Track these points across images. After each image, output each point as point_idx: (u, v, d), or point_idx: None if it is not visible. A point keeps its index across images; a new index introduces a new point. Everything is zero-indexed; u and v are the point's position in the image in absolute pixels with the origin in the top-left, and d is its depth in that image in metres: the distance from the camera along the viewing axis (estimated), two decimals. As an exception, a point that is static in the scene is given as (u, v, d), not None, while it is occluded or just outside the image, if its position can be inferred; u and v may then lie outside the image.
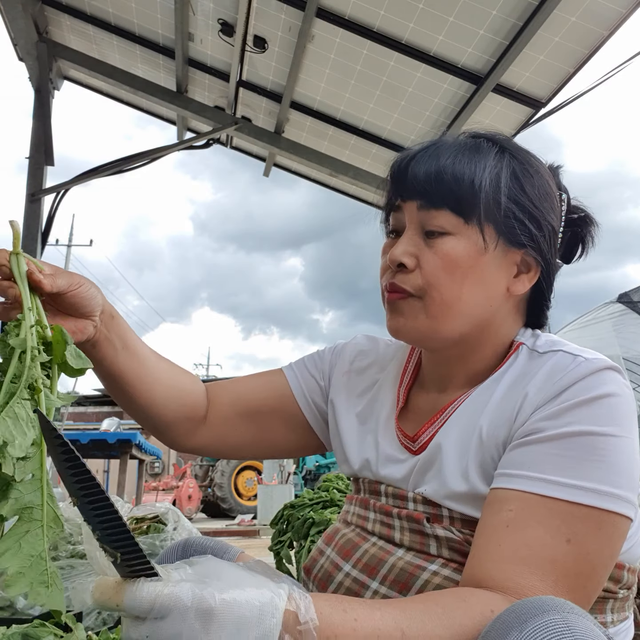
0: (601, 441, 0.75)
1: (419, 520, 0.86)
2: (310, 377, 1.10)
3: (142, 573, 0.55)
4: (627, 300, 4.94)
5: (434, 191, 0.86)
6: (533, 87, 3.87)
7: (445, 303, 0.86)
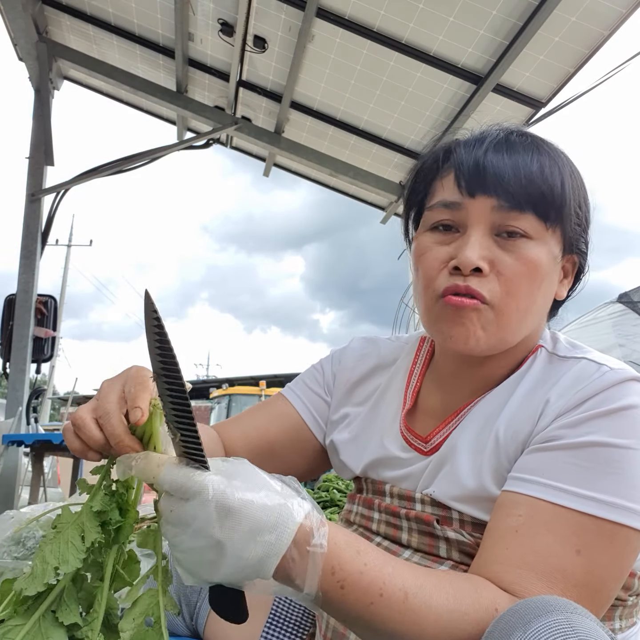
0: (620, 454, 0.73)
1: (428, 521, 0.84)
2: (315, 397, 1.05)
3: (193, 456, 0.60)
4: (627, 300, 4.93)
5: (523, 193, 0.79)
6: (533, 87, 3.87)
7: (519, 312, 0.81)
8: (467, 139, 0.87)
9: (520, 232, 0.80)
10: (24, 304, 4.68)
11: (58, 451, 4.26)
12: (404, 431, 0.93)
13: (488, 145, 0.83)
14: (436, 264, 0.83)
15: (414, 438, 0.92)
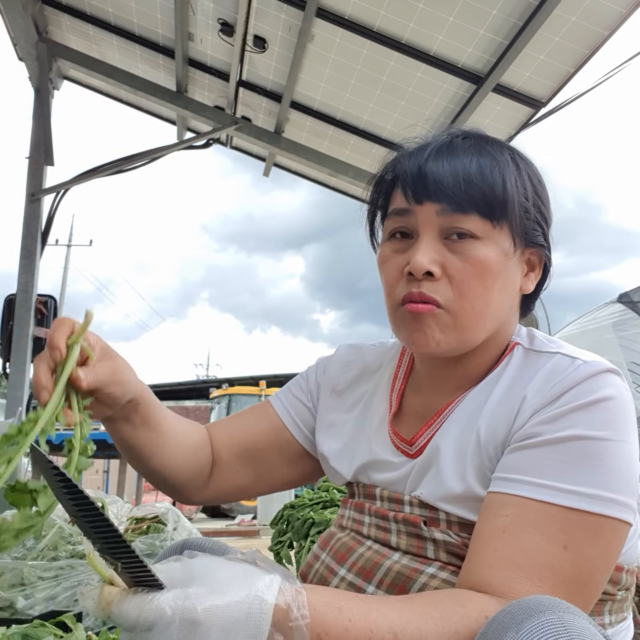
0: (599, 446, 0.74)
1: (415, 523, 0.85)
2: (296, 401, 1.07)
3: (141, 579, 0.57)
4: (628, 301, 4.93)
5: (464, 195, 0.81)
6: (533, 87, 3.87)
7: (475, 313, 0.82)
8: (413, 148, 0.89)
9: (467, 232, 0.81)
10: (24, 304, 4.68)
11: (58, 451, 4.26)
12: (391, 435, 0.94)
13: (430, 152, 0.85)
14: (394, 273, 0.86)
15: (400, 441, 0.93)
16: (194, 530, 2.62)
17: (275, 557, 2.88)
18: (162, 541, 2.42)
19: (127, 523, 2.48)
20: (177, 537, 2.44)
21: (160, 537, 2.43)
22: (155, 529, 2.51)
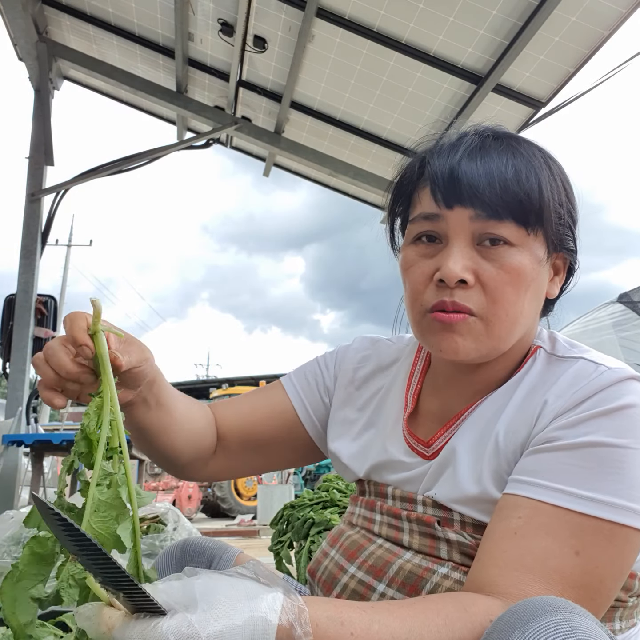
0: (619, 453, 0.73)
1: (429, 523, 0.84)
2: (313, 394, 1.06)
3: (144, 606, 0.57)
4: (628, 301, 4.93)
5: (500, 201, 0.79)
6: (533, 87, 3.87)
7: (508, 320, 0.81)
8: (442, 146, 0.86)
9: (501, 239, 0.80)
10: (24, 304, 4.69)
11: (58, 451, 4.26)
12: (407, 436, 0.93)
13: (462, 154, 0.82)
14: (422, 278, 0.83)
15: (416, 442, 0.92)
16: (194, 530, 2.62)
17: (275, 557, 2.88)
18: (162, 541, 2.42)
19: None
20: (177, 537, 2.44)
21: (160, 537, 2.43)
22: (155, 529, 2.50)
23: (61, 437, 3.88)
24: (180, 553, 1.04)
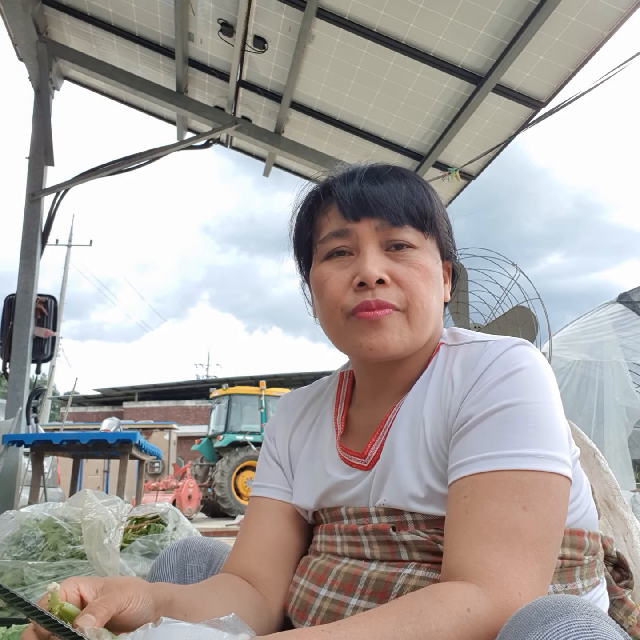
0: (528, 409, 0.79)
1: (385, 530, 0.87)
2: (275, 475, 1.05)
3: None
4: (627, 301, 4.93)
5: (401, 210, 0.90)
6: (533, 87, 3.87)
7: (425, 312, 0.89)
8: (340, 175, 0.97)
9: (405, 243, 0.90)
10: (24, 304, 4.69)
11: (58, 451, 4.26)
12: (342, 453, 0.97)
13: (359, 177, 0.93)
14: (340, 286, 0.90)
15: (352, 457, 0.95)
16: (194, 530, 2.62)
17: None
18: (162, 541, 2.42)
19: (127, 523, 2.48)
20: (177, 537, 2.44)
21: (160, 537, 2.43)
22: (155, 529, 2.51)
23: (61, 437, 3.88)
24: (181, 553, 1.04)
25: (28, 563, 2.19)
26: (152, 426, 16.39)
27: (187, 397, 26.20)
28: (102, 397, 27.43)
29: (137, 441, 4.06)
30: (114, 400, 26.52)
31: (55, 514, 2.41)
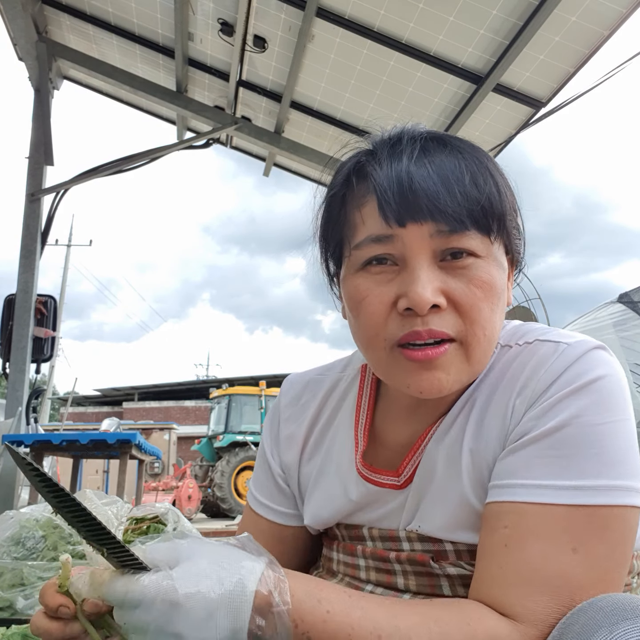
0: (594, 431, 0.68)
1: (423, 562, 0.77)
2: (280, 495, 0.94)
3: (129, 563, 0.61)
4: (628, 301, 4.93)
5: (463, 212, 0.70)
6: (533, 87, 3.87)
7: (487, 340, 0.73)
8: (380, 151, 0.76)
9: (467, 251, 0.71)
10: (23, 304, 4.69)
11: (58, 451, 4.26)
12: (364, 472, 0.84)
13: (407, 160, 0.72)
14: (382, 308, 0.72)
15: (379, 475, 0.83)
16: (193, 531, 2.61)
17: (275, 557, 2.88)
18: (162, 541, 2.41)
19: (127, 523, 2.48)
20: (177, 537, 2.44)
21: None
22: (155, 529, 2.50)
23: (61, 437, 3.88)
24: None
25: (28, 563, 2.18)
26: (152, 426, 16.38)
27: (187, 397, 26.21)
28: (102, 397, 27.44)
29: (137, 441, 4.06)
30: (113, 400, 26.53)
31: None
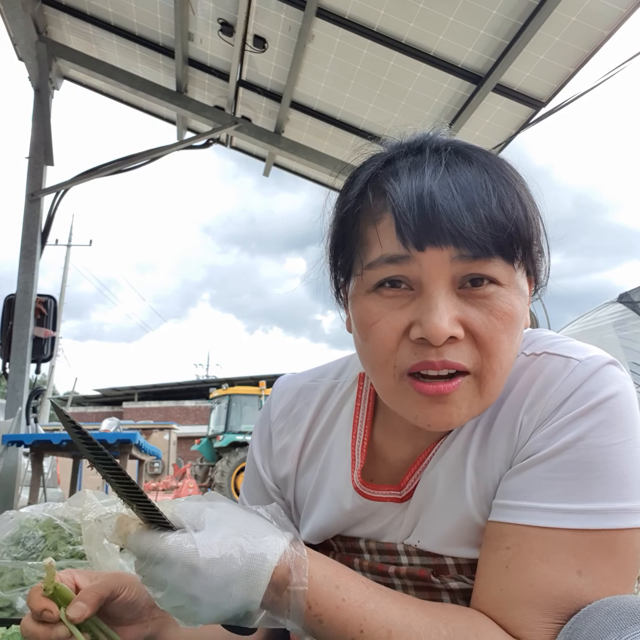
0: (602, 453, 0.66)
1: (424, 577, 0.77)
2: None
3: (156, 519, 0.62)
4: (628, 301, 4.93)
5: (488, 238, 0.65)
6: (533, 87, 3.87)
7: (503, 372, 0.69)
8: (399, 163, 0.71)
9: (488, 278, 0.67)
10: (23, 304, 4.68)
11: (58, 451, 4.26)
12: (365, 490, 0.81)
13: (431, 179, 0.66)
14: (393, 335, 0.68)
15: (382, 491, 0.81)
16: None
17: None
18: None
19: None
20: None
21: (160, 537, 2.43)
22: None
23: (61, 437, 3.88)
24: None
25: (28, 563, 2.18)
26: (152, 426, 16.40)
27: (187, 397, 26.22)
28: (102, 397, 27.44)
29: (137, 441, 4.05)
30: (113, 400, 26.54)
31: (54, 514, 2.41)
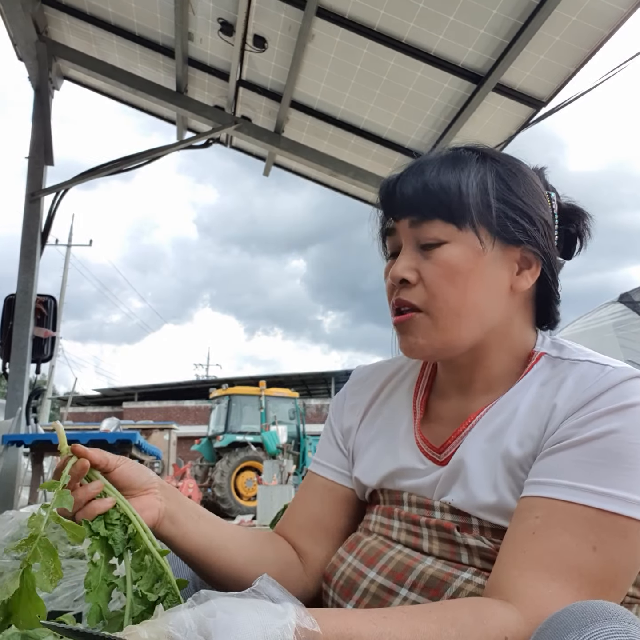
0: (632, 449, 0.75)
1: (449, 529, 0.85)
2: (338, 456, 1.05)
3: None
4: (628, 301, 4.93)
5: (423, 204, 0.87)
6: (534, 87, 3.86)
7: (452, 311, 0.85)
8: (400, 171, 0.95)
9: (433, 241, 0.86)
10: (23, 304, 4.69)
11: (58, 451, 4.26)
12: (420, 442, 0.94)
13: (402, 173, 0.92)
14: (389, 287, 0.91)
15: (429, 448, 0.93)
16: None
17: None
18: (162, 541, 2.41)
19: None
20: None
21: (160, 538, 2.42)
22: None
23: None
24: None
25: (27, 563, 2.18)
26: (152, 426, 16.36)
27: (187, 397, 26.20)
28: (102, 397, 27.44)
29: (137, 441, 4.05)
30: (113, 400, 26.52)
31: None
